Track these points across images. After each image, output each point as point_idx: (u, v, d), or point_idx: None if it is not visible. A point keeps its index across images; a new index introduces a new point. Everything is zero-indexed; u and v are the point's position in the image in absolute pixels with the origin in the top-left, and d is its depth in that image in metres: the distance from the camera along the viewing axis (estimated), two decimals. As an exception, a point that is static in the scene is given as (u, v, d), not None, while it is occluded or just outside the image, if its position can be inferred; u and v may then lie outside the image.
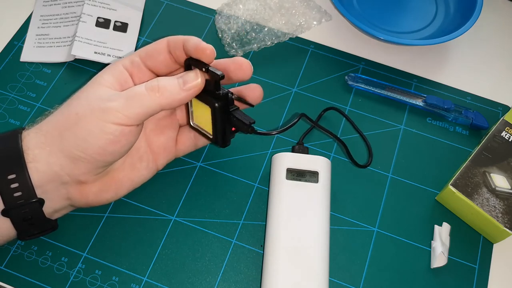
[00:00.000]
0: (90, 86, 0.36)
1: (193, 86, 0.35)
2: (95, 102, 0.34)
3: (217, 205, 0.43)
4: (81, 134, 0.34)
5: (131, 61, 0.37)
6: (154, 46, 0.37)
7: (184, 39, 0.36)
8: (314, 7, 0.53)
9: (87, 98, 0.34)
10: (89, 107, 0.34)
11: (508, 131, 0.44)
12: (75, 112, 0.34)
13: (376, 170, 0.45)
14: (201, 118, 0.40)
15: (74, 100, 0.35)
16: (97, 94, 0.34)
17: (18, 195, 0.33)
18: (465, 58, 0.53)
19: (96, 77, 0.36)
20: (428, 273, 0.41)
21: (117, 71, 0.36)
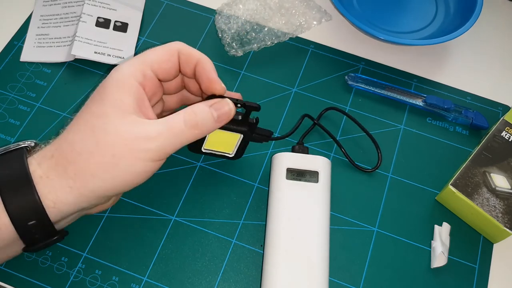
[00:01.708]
0: (114, 114, 0.32)
1: (226, 119, 0.35)
2: (132, 142, 0.32)
3: (217, 205, 0.43)
4: (119, 176, 0.32)
5: (143, 74, 0.35)
6: (165, 58, 0.36)
7: (198, 60, 0.36)
8: (314, 7, 0.53)
9: (119, 134, 0.32)
10: (127, 148, 0.32)
11: (508, 131, 0.44)
12: (111, 154, 0.31)
13: (376, 170, 0.45)
14: (217, 142, 0.41)
15: (102, 134, 0.32)
16: (129, 130, 0.32)
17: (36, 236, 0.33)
18: (465, 58, 0.53)
19: (115, 99, 0.33)
20: (428, 273, 0.41)
21: (134, 91, 0.33)
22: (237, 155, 0.43)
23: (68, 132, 0.33)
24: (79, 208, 0.33)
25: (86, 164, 0.32)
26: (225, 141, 0.41)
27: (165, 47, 0.36)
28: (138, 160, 0.32)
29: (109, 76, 0.34)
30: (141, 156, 0.32)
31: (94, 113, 0.33)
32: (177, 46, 0.36)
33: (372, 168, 0.45)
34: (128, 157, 0.32)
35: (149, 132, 0.32)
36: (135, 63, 0.35)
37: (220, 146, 0.42)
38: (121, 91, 0.33)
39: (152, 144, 0.32)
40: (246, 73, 0.50)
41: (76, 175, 0.32)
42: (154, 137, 0.32)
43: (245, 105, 0.37)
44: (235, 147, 0.42)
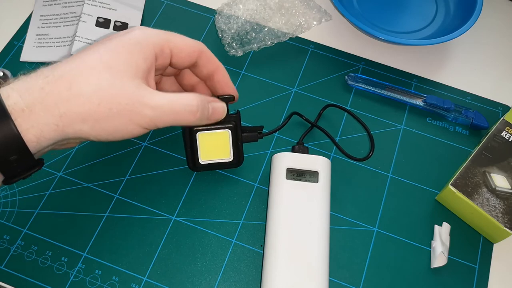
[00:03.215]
0: (125, 72, 0.32)
1: (217, 118, 0.38)
2: (133, 103, 0.32)
3: (217, 205, 0.43)
4: (108, 129, 0.32)
5: (162, 49, 0.35)
6: (188, 50, 0.37)
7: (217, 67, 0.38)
8: (314, 7, 0.53)
9: (124, 92, 0.32)
10: (127, 107, 0.32)
11: (508, 131, 0.44)
12: (109, 107, 0.31)
13: (376, 170, 0.45)
14: (211, 151, 0.41)
15: (107, 85, 0.32)
16: (135, 92, 0.32)
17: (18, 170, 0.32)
18: (465, 58, 0.53)
19: (131, 58, 0.33)
20: (428, 273, 0.41)
21: (151, 60, 0.34)
22: (237, 158, 0.42)
23: (67, 68, 0.32)
24: (58, 144, 0.33)
25: (80, 108, 0.31)
26: (217, 147, 0.41)
27: (192, 42, 0.37)
28: (131, 121, 0.32)
29: (135, 32, 0.34)
30: (135, 119, 0.32)
31: (105, 62, 0.32)
32: (201, 48, 0.38)
33: (364, 157, 0.45)
34: (124, 116, 0.32)
35: (152, 100, 0.33)
36: (161, 36, 0.35)
37: (215, 154, 0.42)
38: (140, 54, 0.33)
39: (150, 112, 0.33)
40: (246, 73, 0.50)
41: (66, 115, 0.31)
42: (154, 106, 0.33)
43: (218, 98, 0.39)
44: (230, 149, 0.41)
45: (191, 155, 0.41)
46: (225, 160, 0.42)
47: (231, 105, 0.41)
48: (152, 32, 0.35)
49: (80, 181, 0.43)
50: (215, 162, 0.42)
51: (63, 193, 0.43)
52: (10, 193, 0.42)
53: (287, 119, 0.46)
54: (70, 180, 0.43)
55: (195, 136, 0.40)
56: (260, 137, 0.43)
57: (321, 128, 0.46)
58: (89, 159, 0.44)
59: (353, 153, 0.45)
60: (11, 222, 0.41)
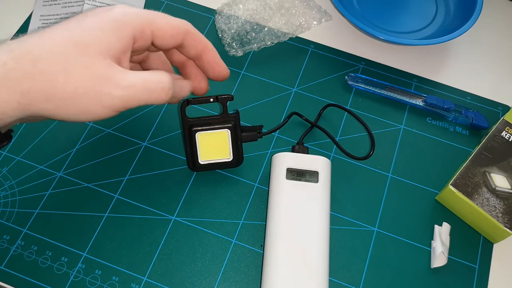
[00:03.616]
0: (95, 50, 0.30)
1: (181, 98, 0.37)
2: (101, 83, 0.30)
3: (217, 205, 0.43)
4: (73, 109, 0.30)
5: (143, 31, 0.33)
6: (171, 32, 0.35)
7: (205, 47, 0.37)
8: (314, 7, 0.53)
9: (92, 71, 0.30)
10: (94, 88, 0.30)
11: (508, 131, 0.44)
12: (75, 86, 0.30)
13: (376, 170, 0.45)
14: (210, 151, 0.41)
15: (73, 64, 0.30)
16: (104, 71, 0.31)
17: None
18: (465, 58, 0.53)
19: (104, 37, 0.31)
20: (428, 273, 0.41)
21: (126, 40, 0.32)
22: (236, 158, 0.42)
23: (34, 44, 0.30)
24: (24, 120, 0.32)
25: (45, 86, 0.29)
26: (217, 147, 0.41)
27: (177, 23, 0.35)
28: (99, 103, 0.31)
29: (113, 10, 0.32)
30: (103, 100, 0.31)
31: (75, 40, 0.30)
32: (187, 28, 0.35)
33: (365, 156, 0.45)
34: (91, 97, 0.30)
35: (123, 80, 0.31)
36: (142, 16, 0.33)
37: (214, 154, 0.42)
38: (114, 33, 0.32)
39: (121, 92, 0.31)
40: (246, 73, 0.50)
41: (30, 92, 0.29)
42: (125, 86, 0.31)
43: (217, 99, 0.39)
44: (229, 149, 0.41)
45: (190, 155, 0.41)
46: (225, 160, 0.42)
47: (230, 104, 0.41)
48: (132, 11, 0.33)
49: (80, 181, 0.43)
50: (214, 162, 0.42)
51: (63, 193, 0.43)
52: (10, 193, 0.42)
53: (286, 119, 0.46)
54: (70, 180, 0.43)
55: (194, 136, 0.40)
56: (259, 136, 0.43)
57: (321, 128, 0.46)
58: (89, 159, 0.44)
59: (353, 153, 0.45)
60: (11, 222, 0.41)
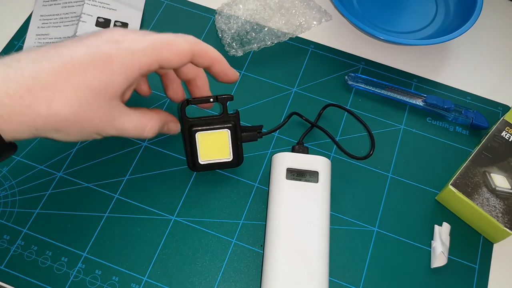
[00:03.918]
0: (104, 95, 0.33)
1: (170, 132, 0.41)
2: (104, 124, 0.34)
3: (217, 205, 0.43)
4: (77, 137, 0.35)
5: (149, 69, 0.35)
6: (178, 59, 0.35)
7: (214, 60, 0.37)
8: (314, 7, 0.53)
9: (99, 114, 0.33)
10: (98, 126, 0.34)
11: (508, 131, 0.44)
12: (81, 125, 0.33)
13: (376, 170, 0.45)
14: (210, 151, 0.41)
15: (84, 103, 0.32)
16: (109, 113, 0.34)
17: None
18: (465, 58, 0.53)
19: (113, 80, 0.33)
20: (428, 273, 0.41)
21: (133, 81, 0.34)
22: (236, 158, 0.42)
23: (51, 80, 0.31)
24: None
25: (56, 124, 0.32)
26: (217, 147, 0.41)
27: (183, 49, 0.35)
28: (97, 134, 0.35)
29: (122, 49, 0.33)
30: (101, 133, 0.35)
31: (87, 82, 0.32)
32: (193, 51, 0.36)
33: (365, 156, 0.45)
34: (92, 130, 0.34)
35: (119, 123, 0.35)
36: (149, 54, 0.34)
37: (215, 154, 0.42)
38: (122, 75, 0.33)
39: (115, 132, 0.35)
40: (246, 73, 0.50)
41: (43, 128, 0.32)
42: (120, 128, 0.35)
43: (217, 99, 0.39)
44: (229, 149, 0.41)
45: (190, 155, 0.41)
46: (225, 160, 0.42)
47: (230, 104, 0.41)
48: (139, 48, 0.34)
49: (80, 181, 0.43)
50: (215, 162, 0.42)
51: (63, 193, 0.43)
52: (10, 193, 0.42)
53: (286, 118, 0.46)
54: (70, 180, 0.43)
55: (194, 136, 0.40)
56: (259, 136, 0.43)
57: (321, 128, 0.46)
58: (89, 159, 0.44)
59: (353, 153, 0.45)
60: (11, 222, 0.41)
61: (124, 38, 0.34)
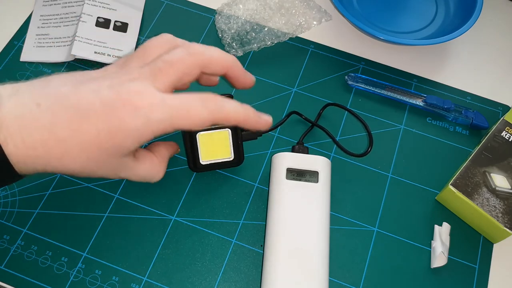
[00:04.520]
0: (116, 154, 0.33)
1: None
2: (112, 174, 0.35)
3: (217, 205, 0.43)
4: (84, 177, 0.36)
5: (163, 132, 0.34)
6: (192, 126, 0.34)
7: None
8: (314, 7, 0.53)
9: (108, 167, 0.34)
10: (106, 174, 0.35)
11: (508, 131, 0.44)
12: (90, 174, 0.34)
13: (376, 170, 0.45)
14: (211, 151, 0.41)
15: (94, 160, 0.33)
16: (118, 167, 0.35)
17: None
18: (465, 58, 0.53)
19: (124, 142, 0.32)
20: (428, 273, 0.41)
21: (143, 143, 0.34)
22: (237, 157, 0.42)
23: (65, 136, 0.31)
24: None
25: (66, 172, 0.33)
26: (218, 146, 0.41)
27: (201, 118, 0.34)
28: (106, 177, 0.35)
29: (137, 122, 0.32)
30: (110, 177, 0.36)
31: (99, 144, 0.32)
32: (214, 118, 0.35)
33: (362, 153, 0.45)
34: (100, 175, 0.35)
35: (128, 173, 0.36)
36: (164, 123, 0.33)
37: (215, 153, 0.42)
38: (134, 140, 0.33)
39: (123, 176, 0.36)
40: (246, 73, 0.50)
41: (52, 172, 0.33)
42: (128, 175, 0.36)
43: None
44: (230, 148, 0.41)
45: (191, 156, 0.41)
46: (226, 159, 0.42)
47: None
48: (157, 118, 0.32)
49: (80, 181, 0.43)
50: (216, 162, 0.42)
51: (63, 193, 0.43)
52: (10, 193, 0.42)
53: (285, 117, 0.46)
54: (70, 180, 0.43)
55: (195, 137, 0.40)
56: (259, 134, 0.43)
57: (320, 127, 0.46)
58: (89, 159, 0.44)
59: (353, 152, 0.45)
60: (11, 222, 0.41)
61: (142, 101, 0.32)
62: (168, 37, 0.37)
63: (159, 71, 0.34)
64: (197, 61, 0.35)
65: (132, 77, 0.33)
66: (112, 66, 0.36)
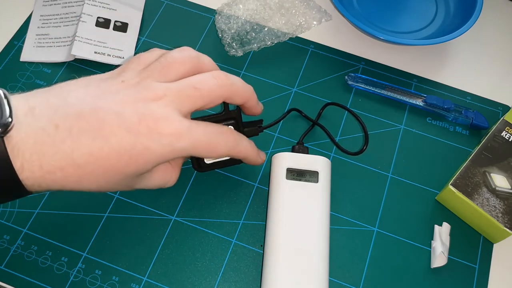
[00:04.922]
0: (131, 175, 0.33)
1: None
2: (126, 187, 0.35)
3: (217, 205, 0.43)
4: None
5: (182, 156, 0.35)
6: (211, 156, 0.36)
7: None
8: (314, 7, 0.53)
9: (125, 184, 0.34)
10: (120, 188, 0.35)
11: (508, 131, 0.44)
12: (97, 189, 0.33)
13: (376, 170, 0.45)
14: None
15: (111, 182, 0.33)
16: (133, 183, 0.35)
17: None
18: (465, 58, 0.53)
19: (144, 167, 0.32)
20: (428, 273, 0.41)
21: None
22: None
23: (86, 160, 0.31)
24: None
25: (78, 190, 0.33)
26: None
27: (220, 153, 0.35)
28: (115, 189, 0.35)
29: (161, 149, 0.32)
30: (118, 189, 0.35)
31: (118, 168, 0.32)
32: (230, 153, 0.37)
33: (357, 151, 0.45)
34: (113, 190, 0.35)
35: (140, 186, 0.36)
36: (186, 151, 0.33)
37: None
38: (154, 164, 0.33)
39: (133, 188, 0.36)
40: (246, 73, 0.50)
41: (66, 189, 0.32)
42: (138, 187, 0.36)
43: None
44: None
45: (195, 156, 0.41)
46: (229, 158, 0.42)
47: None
48: (180, 147, 0.32)
49: (80, 181, 0.43)
50: (220, 160, 0.42)
51: (63, 193, 0.42)
52: (10, 193, 0.42)
53: (286, 113, 0.46)
54: (70, 180, 0.43)
55: None
56: (260, 130, 0.42)
57: (320, 125, 0.46)
58: (89, 159, 0.44)
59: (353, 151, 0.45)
60: (11, 222, 0.41)
61: (168, 130, 0.32)
62: (192, 54, 0.35)
63: (187, 97, 0.33)
64: (225, 94, 0.35)
65: (156, 96, 0.32)
66: (129, 71, 0.34)
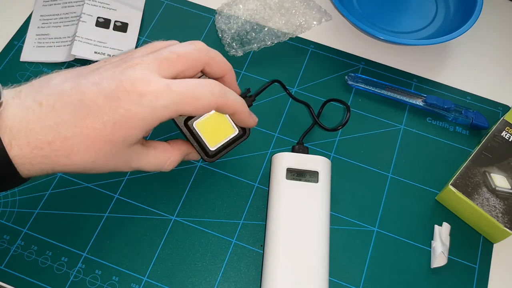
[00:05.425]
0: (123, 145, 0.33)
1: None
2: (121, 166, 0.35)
3: (217, 205, 0.43)
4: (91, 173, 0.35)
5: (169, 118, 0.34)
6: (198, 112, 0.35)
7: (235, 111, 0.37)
8: (314, 7, 0.53)
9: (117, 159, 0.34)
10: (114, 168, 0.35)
11: (508, 131, 0.44)
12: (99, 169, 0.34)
13: (376, 170, 0.45)
14: (215, 134, 0.40)
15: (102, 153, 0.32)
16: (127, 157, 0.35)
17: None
18: (465, 58, 0.53)
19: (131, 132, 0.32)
20: (428, 273, 0.41)
21: (150, 130, 0.34)
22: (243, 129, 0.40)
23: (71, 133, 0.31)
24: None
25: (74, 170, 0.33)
26: (218, 127, 0.40)
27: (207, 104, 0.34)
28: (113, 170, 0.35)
29: (143, 110, 0.32)
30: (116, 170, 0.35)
31: (106, 136, 0.32)
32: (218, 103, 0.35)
33: (335, 127, 0.45)
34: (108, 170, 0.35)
35: (136, 164, 0.36)
36: (170, 110, 0.33)
37: (220, 135, 0.40)
38: (142, 128, 0.33)
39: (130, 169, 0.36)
40: (246, 73, 0.50)
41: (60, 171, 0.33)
42: (135, 167, 0.36)
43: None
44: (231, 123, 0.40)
45: (199, 147, 0.40)
46: (233, 135, 0.40)
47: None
48: (162, 104, 0.32)
49: (80, 181, 0.43)
50: (225, 143, 0.40)
51: (63, 193, 0.43)
52: (10, 193, 0.42)
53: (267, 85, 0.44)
54: (70, 180, 0.43)
55: (193, 127, 0.39)
56: (252, 99, 0.42)
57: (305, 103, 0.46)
58: (89, 159, 0.44)
59: (353, 153, 0.45)
60: (11, 222, 0.41)
61: (147, 89, 0.32)
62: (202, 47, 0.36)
63: (165, 60, 0.33)
64: (203, 57, 0.35)
65: (133, 64, 0.33)
66: (114, 56, 0.35)
